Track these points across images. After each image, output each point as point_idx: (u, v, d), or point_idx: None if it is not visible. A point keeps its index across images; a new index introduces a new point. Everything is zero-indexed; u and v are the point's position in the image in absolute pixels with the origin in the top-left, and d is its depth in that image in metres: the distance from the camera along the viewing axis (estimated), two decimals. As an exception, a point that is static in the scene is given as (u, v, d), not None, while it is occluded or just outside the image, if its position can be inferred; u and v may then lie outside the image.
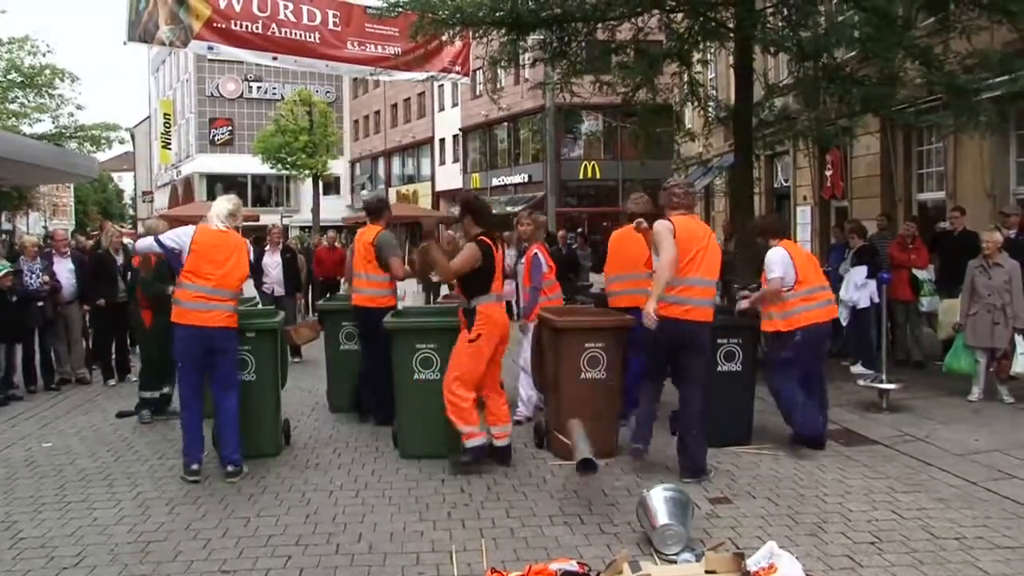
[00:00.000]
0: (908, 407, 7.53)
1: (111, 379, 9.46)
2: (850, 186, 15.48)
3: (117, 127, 37.32)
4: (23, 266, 8.88)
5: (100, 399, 8.67)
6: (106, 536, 4.69)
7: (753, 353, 6.41)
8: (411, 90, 47.36)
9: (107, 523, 4.89)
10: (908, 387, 7.86)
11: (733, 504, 5.07)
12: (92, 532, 4.75)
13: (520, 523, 4.81)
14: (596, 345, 6.05)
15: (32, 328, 8.97)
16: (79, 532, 4.75)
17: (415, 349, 6.09)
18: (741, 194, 10.57)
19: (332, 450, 6.47)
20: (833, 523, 4.74)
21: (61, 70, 32.23)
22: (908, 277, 9.49)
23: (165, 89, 63.88)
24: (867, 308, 9.21)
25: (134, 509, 5.13)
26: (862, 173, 15.05)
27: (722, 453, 6.07)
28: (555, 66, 11.11)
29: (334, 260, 13.73)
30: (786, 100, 12.40)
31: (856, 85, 8.94)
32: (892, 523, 4.73)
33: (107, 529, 4.79)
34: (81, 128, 34.01)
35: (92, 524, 4.88)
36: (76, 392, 9.08)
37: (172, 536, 4.66)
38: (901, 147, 13.76)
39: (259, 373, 6.15)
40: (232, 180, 54.95)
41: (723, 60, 19.27)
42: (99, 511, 5.10)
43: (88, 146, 33.81)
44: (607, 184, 36.68)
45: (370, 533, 4.68)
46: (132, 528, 4.80)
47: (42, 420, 7.72)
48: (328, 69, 12.84)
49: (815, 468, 5.81)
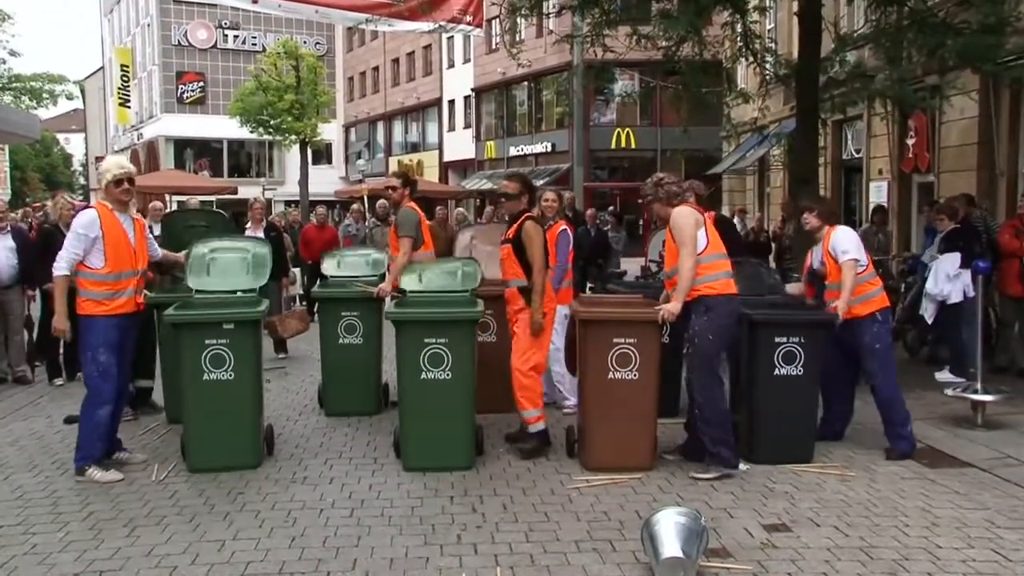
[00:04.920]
0: (1010, 423, 7.41)
1: (58, 378, 9.40)
2: (937, 157, 15.31)
3: (63, 79, 37.39)
4: None
5: (44, 401, 8.66)
6: (47, 567, 4.62)
7: (817, 354, 6.38)
8: (416, 43, 47.32)
9: (49, 550, 4.83)
10: (1011, 400, 7.65)
11: (792, 533, 5.05)
12: (29, 562, 4.69)
13: (541, 549, 4.81)
14: (626, 341, 6.07)
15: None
16: (12, 563, 4.68)
17: (423, 344, 6.10)
18: (804, 166, 10.50)
19: (323, 461, 6.49)
20: (917, 561, 4.69)
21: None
22: (1021, 268, 9.19)
23: (122, 35, 63.75)
24: (959, 303, 9.10)
25: (84, 532, 5.10)
26: (954, 142, 14.86)
27: (779, 472, 6.06)
28: (585, 15, 11.05)
29: (324, 240, 13.75)
30: (861, 54, 12.28)
31: (952, 34, 8.78)
32: (994, 566, 4.64)
33: (49, 558, 4.73)
34: (17, 79, 33.76)
35: (30, 552, 4.82)
36: (14, 393, 9.05)
37: (130, 564, 4.64)
38: (1007, 110, 13.53)
39: (237, 371, 6.16)
40: (204, 145, 55.36)
41: (785, 7, 19.14)
42: (39, 536, 5.05)
43: (27, 100, 33.63)
44: (643, 155, 36.58)
45: (366, 559, 4.68)
46: (80, 556, 4.75)
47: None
48: (318, 16, 12.83)
49: (893, 493, 5.76)
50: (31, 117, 20.45)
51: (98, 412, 6.09)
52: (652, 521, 4.52)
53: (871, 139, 18.24)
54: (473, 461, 6.25)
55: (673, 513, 4.54)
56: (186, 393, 6.18)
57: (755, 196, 27.04)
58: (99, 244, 5.95)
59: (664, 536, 4.39)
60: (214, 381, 6.08)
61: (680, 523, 4.44)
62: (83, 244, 5.93)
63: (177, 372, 6.57)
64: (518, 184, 6.75)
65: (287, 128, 39.50)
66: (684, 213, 5.99)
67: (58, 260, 5.97)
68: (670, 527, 4.42)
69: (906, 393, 6.79)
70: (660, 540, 4.39)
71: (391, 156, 51.87)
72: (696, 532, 4.44)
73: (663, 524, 4.45)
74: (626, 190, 36.55)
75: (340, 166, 58.17)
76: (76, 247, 5.94)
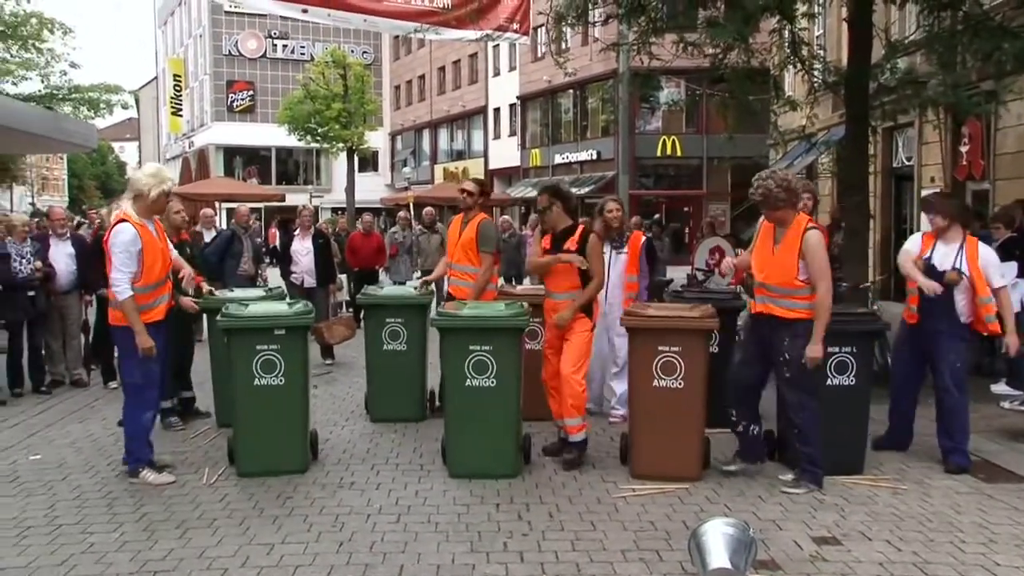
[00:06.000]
0: (1069, 438, 7.26)
1: (112, 381, 9.43)
2: (992, 164, 15.01)
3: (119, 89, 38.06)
4: (10, 249, 8.98)
5: (100, 404, 8.77)
6: (103, 565, 4.74)
7: (869, 364, 6.30)
8: (461, 51, 47.59)
9: (105, 550, 4.94)
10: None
11: (843, 546, 4.97)
12: (87, 560, 4.80)
13: (588, 558, 4.79)
14: (671, 349, 6.04)
15: (20, 321, 9.11)
16: (71, 561, 4.80)
17: (468, 351, 6.11)
18: (854, 174, 10.33)
19: (370, 467, 6.52)
20: (975, 578, 4.62)
21: (50, 20, 32.54)
22: None
23: (175, 46, 65.19)
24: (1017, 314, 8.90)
25: (138, 533, 5.20)
26: (1010, 148, 14.57)
27: (829, 483, 5.96)
28: (631, 23, 11.00)
29: (370, 247, 13.84)
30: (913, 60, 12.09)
31: (1009, 37, 8.62)
32: (1054, 585, 4.56)
33: (105, 557, 4.84)
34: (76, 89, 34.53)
35: (87, 551, 4.93)
36: (71, 396, 9.18)
37: (182, 565, 4.72)
38: (1067, 117, 13.25)
39: (288, 376, 6.20)
40: (253, 153, 56.15)
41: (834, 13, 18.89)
42: (96, 536, 5.16)
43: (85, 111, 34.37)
44: (689, 162, 36.41)
45: (413, 565, 4.70)
46: (135, 556, 4.85)
47: (29, 428, 7.82)
48: (366, 24, 12.95)
49: (948, 508, 5.65)
50: (89, 127, 20.84)
51: (144, 416, 6.18)
52: (700, 531, 4.47)
53: (923, 146, 17.93)
54: (519, 469, 6.24)
55: (721, 523, 4.49)
56: (237, 398, 6.24)
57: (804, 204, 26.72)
58: (140, 258, 5.96)
59: (712, 547, 4.34)
60: (265, 386, 6.14)
61: (728, 534, 4.39)
62: (134, 260, 5.92)
63: (228, 377, 6.66)
64: (545, 196, 6.74)
65: (334, 136, 39.88)
66: (820, 238, 5.84)
67: (116, 283, 5.89)
68: (718, 537, 4.37)
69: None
70: (708, 551, 4.34)
71: (436, 164, 52.13)
72: (745, 543, 4.38)
73: (711, 534, 4.40)
74: (671, 198, 36.37)
75: (386, 174, 58.61)
76: (129, 264, 5.91)
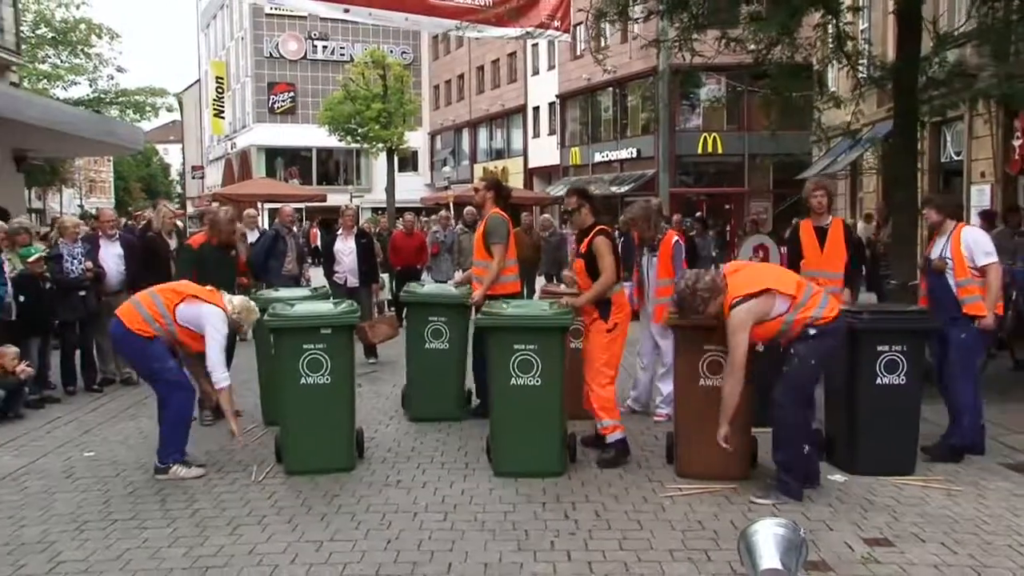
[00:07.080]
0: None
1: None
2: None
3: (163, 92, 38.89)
4: (62, 250, 9.12)
5: (150, 402, 8.72)
6: (158, 560, 4.81)
7: (920, 363, 6.20)
8: (500, 50, 47.56)
9: (159, 545, 5.02)
10: None
11: (896, 548, 4.90)
12: (142, 555, 4.89)
13: (635, 557, 4.78)
14: (717, 349, 5.99)
15: (72, 321, 9.25)
16: (127, 555, 4.89)
17: (512, 350, 6.11)
18: (901, 170, 10.16)
19: (416, 465, 6.54)
20: (1034, 581, 4.53)
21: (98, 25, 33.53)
22: None
23: (217, 49, 65.89)
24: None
25: (190, 529, 5.27)
26: (1065, 141, 14.32)
27: (879, 484, 5.90)
28: (673, 19, 10.91)
29: (412, 247, 13.88)
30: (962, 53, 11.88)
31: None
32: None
33: (159, 552, 4.92)
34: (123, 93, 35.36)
35: (142, 546, 5.02)
36: (122, 394, 9.30)
37: (233, 561, 4.78)
38: None
39: (334, 375, 6.24)
40: (294, 154, 56.59)
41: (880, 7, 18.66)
42: (150, 531, 5.25)
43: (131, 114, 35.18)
44: (731, 160, 36.04)
45: (461, 563, 4.71)
46: (188, 551, 4.92)
47: (83, 426, 7.96)
48: (407, 23, 12.96)
49: (1005, 510, 5.53)
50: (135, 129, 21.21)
51: (182, 415, 6.35)
52: (750, 532, 4.41)
53: (972, 140, 17.63)
54: (564, 467, 6.23)
55: (772, 524, 4.43)
56: (284, 397, 6.30)
57: (847, 201, 26.37)
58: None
59: (763, 547, 4.28)
60: (311, 385, 6.18)
61: (779, 534, 4.33)
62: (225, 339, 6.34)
63: (273, 376, 6.71)
64: (575, 198, 6.77)
65: (374, 136, 40.09)
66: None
67: (215, 370, 6.19)
68: (769, 538, 4.31)
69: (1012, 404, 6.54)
70: (758, 551, 4.28)
71: (476, 163, 52.15)
72: (795, 544, 4.32)
73: (761, 535, 4.34)
74: (713, 195, 36.07)
75: (426, 173, 58.78)
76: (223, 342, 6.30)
